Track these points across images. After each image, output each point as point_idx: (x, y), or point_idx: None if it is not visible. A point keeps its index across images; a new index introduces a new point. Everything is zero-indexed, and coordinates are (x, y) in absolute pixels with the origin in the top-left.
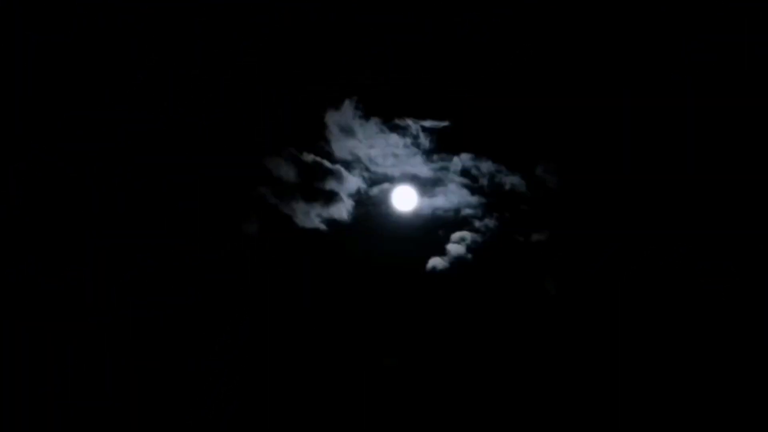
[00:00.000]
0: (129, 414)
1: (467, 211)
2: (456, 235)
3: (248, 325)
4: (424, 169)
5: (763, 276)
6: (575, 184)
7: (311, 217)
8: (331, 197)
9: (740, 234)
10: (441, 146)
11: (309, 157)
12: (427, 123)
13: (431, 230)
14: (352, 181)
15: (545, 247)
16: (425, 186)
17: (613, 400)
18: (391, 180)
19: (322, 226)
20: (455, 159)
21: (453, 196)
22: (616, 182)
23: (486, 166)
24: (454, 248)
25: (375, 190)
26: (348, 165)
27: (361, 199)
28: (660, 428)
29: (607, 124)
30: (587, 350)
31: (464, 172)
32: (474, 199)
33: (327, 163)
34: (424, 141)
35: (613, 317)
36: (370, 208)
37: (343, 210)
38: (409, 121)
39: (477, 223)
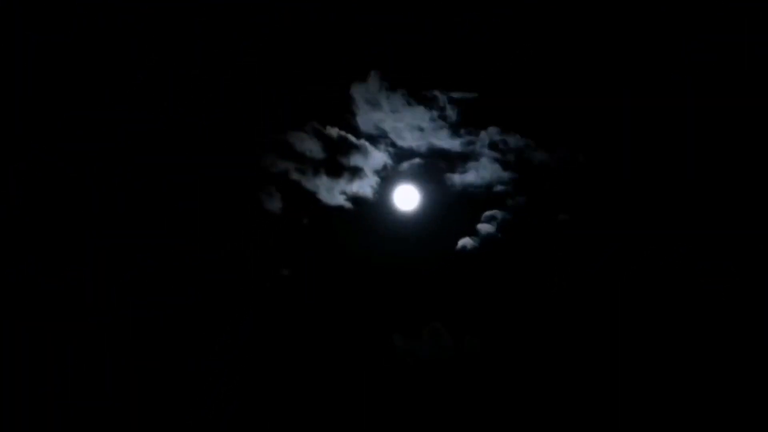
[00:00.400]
0: (129, 414)
1: (498, 188)
2: (487, 214)
3: (249, 324)
4: (451, 144)
5: (763, 276)
6: (576, 185)
7: (335, 194)
8: (356, 173)
9: (740, 234)
10: (467, 120)
11: (333, 131)
12: (455, 95)
13: (462, 208)
14: (378, 157)
15: (568, 231)
16: (455, 161)
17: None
18: (419, 155)
19: (347, 204)
20: (482, 133)
21: (485, 172)
22: (615, 182)
23: (514, 140)
24: (485, 228)
25: (404, 166)
26: (373, 139)
27: (387, 175)
28: (660, 421)
29: (608, 122)
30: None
31: (492, 147)
32: (505, 175)
33: (352, 138)
34: (451, 114)
35: (616, 312)
36: (398, 185)
37: (367, 187)
38: (436, 93)
39: (508, 201)
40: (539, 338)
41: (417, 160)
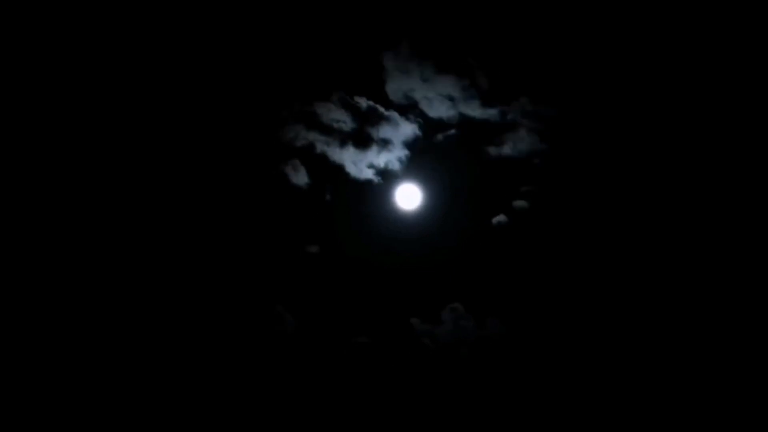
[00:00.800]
0: (129, 414)
1: (535, 161)
2: (523, 189)
3: (273, 301)
4: (484, 114)
5: (763, 276)
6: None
7: (362, 167)
8: (385, 145)
9: (740, 234)
10: (500, 89)
11: (362, 101)
12: (487, 62)
13: (497, 182)
14: (408, 128)
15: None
16: (489, 132)
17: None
18: (450, 126)
19: (375, 178)
20: (515, 103)
21: (521, 144)
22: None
23: (547, 111)
24: (519, 204)
25: (437, 138)
26: (403, 109)
27: (418, 148)
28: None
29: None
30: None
31: (528, 117)
32: (543, 147)
33: (381, 108)
34: (483, 82)
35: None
36: (429, 158)
37: (396, 160)
38: (469, 60)
39: (541, 175)
40: (568, 322)
41: (449, 132)
